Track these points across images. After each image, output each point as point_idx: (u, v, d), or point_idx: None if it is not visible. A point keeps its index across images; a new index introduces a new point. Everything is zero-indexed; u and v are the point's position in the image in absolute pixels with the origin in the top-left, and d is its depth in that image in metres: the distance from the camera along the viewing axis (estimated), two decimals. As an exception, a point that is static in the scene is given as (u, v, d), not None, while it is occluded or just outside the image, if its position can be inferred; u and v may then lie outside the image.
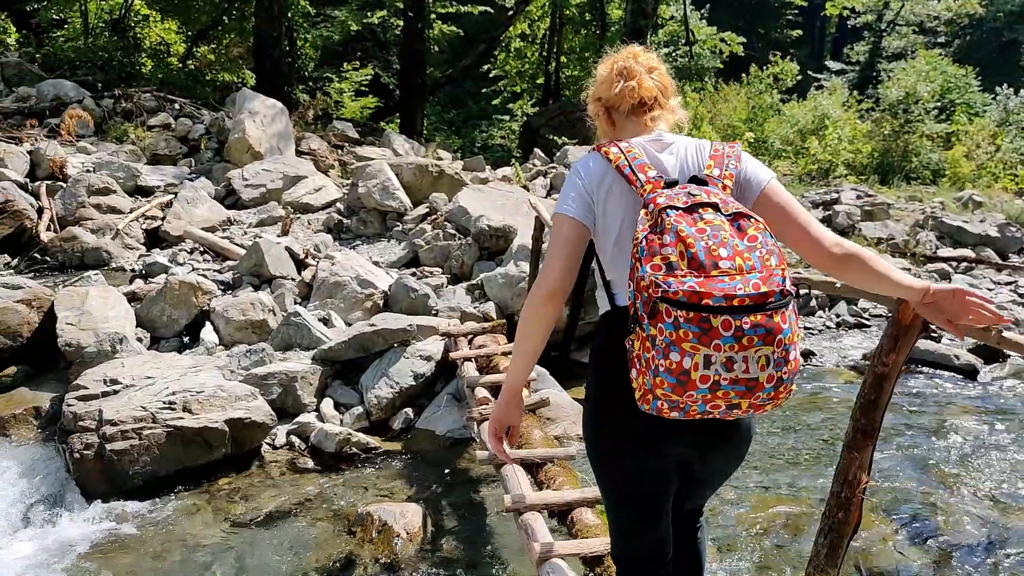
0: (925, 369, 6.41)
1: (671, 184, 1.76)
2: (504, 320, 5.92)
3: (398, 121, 17.96)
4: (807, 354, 6.64)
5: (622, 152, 1.83)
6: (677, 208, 1.66)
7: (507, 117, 21.92)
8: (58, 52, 13.87)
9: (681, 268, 1.58)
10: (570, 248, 1.84)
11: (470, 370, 4.93)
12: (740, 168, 1.84)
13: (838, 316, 7.58)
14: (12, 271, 7.41)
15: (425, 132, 17.87)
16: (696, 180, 1.77)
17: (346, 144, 12.04)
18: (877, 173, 15.88)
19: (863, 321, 7.56)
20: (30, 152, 9.19)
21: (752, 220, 1.67)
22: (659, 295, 1.57)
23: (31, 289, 5.55)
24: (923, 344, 6.64)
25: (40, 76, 12.18)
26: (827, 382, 6.08)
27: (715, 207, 1.67)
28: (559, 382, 5.42)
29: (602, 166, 1.86)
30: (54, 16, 15.69)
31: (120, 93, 11.84)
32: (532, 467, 3.74)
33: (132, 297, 6.20)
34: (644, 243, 1.64)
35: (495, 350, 5.14)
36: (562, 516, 3.38)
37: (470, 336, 5.53)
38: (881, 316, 7.74)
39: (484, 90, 22.51)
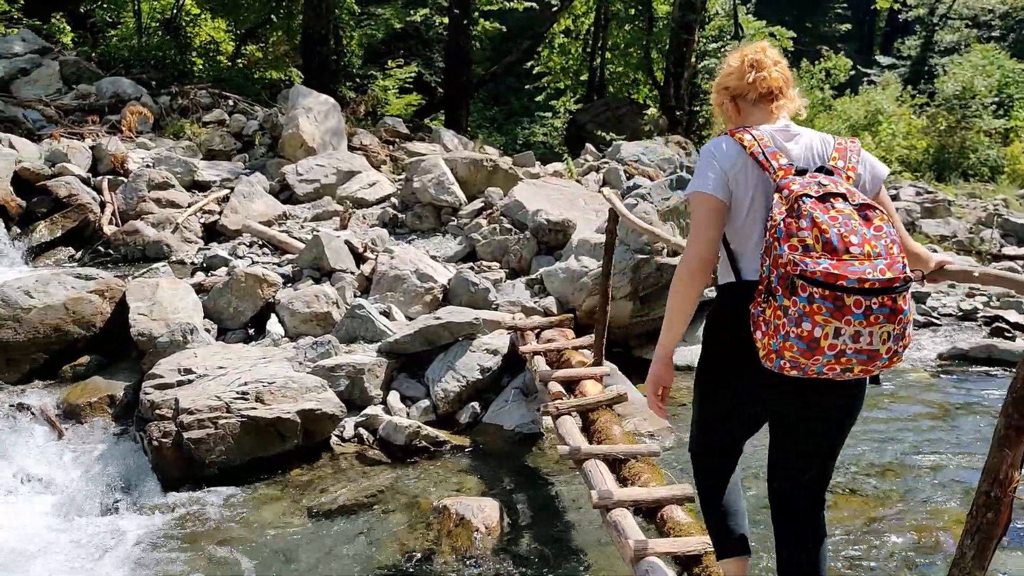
0: (997, 372, 6.20)
1: (801, 172, 1.95)
2: (570, 314, 5.84)
3: (442, 118, 17.97)
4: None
5: (755, 140, 2.02)
6: (811, 196, 1.85)
7: (549, 114, 21.79)
8: (112, 51, 14.13)
9: (816, 250, 1.78)
10: (714, 221, 2.02)
11: (541, 364, 4.86)
12: (861, 161, 2.04)
13: (905, 315, 7.35)
14: (76, 263, 7.54)
15: (469, 129, 17.85)
16: (823, 170, 1.96)
17: (397, 140, 12.06)
18: (933, 170, 15.48)
19: (932, 320, 7.32)
20: (92, 148, 9.36)
21: (877, 211, 1.87)
22: (797, 272, 1.76)
23: (103, 280, 5.61)
24: (1002, 344, 6.43)
25: (97, 74, 12.40)
26: (904, 384, 5.90)
27: (843, 197, 1.87)
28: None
29: (735, 150, 2.04)
30: (107, 17, 15.99)
31: (176, 90, 12.01)
32: (615, 463, 3.65)
33: (198, 289, 6.24)
34: (782, 225, 1.83)
35: (565, 344, 5.07)
36: (650, 513, 3.29)
37: (537, 330, 5.47)
38: (951, 315, 7.50)
39: (527, 87, 22.39)
